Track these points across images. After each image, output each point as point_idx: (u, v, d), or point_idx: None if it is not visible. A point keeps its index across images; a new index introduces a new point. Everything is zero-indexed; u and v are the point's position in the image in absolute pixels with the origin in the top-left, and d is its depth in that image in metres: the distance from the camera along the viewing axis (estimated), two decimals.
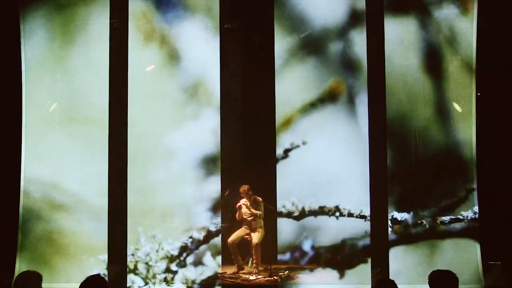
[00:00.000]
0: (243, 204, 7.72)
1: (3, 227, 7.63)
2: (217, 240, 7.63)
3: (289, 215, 7.65)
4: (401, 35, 7.69)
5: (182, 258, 7.60)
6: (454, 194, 7.57)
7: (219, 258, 7.61)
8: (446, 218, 7.55)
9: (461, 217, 7.54)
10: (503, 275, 7.42)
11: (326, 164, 7.59)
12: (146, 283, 7.55)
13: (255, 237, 7.67)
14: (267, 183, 7.75)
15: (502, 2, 7.76)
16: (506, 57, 7.67)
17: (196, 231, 7.63)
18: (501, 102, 7.71)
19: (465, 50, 7.65)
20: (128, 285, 7.53)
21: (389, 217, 7.53)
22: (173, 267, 7.61)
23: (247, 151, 7.99)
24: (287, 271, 7.58)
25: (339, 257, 7.56)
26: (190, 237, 7.61)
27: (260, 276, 7.57)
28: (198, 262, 7.59)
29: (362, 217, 7.55)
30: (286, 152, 7.70)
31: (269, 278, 7.53)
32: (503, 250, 7.51)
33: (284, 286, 7.51)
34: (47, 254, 7.60)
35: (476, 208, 7.52)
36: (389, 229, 7.51)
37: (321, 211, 7.61)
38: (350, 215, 7.57)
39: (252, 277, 7.57)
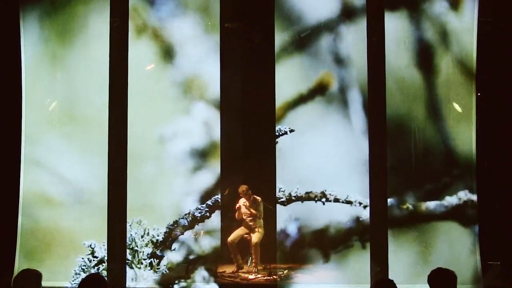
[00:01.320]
0: (243, 204, 7.72)
1: (3, 227, 7.63)
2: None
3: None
4: (400, 35, 7.70)
5: None
6: (453, 194, 7.58)
7: None
8: (445, 219, 7.57)
9: (460, 217, 7.55)
10: (502, 275, 7.43)
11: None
12: None
13: (255, 236, 7.67)
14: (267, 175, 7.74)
15: (502, 4, 7.77)
16: (507, 58, 7.68)
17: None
18: (502, 102, 7.72)
19: (465, 51, 7.67)
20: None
21: None
22: None
23: (247, 145, 8.00)
24: (286, 271, 7.59)
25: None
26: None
27: (259, 276, 7.58)
28: None
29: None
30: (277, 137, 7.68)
31: (268, 278, 7.54)
32: (502, 250, 7.52)
33: (283, 285, 7.51)
34: (46, 251, 7.60)
35: (475, 209, 7.54)
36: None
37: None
38: None
39: (251, 277, 7.58)
